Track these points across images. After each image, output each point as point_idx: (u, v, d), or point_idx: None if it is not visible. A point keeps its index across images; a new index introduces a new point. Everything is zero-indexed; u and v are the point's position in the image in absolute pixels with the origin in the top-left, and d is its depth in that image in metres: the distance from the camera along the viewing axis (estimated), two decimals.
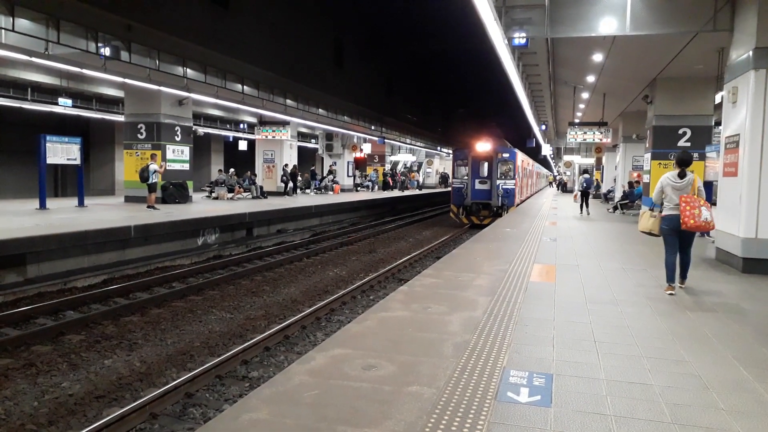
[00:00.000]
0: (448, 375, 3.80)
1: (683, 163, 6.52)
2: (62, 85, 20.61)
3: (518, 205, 23.02)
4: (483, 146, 21.26)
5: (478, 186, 21.56)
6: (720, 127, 11.36)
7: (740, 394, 3.65)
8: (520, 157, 23.99)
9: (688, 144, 15.04)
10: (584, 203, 19.75)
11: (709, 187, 10.53)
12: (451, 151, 35.96)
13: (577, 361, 4.19)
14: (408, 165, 48.84)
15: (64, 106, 21.45)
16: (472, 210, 21.51)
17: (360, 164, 39.75)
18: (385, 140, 35.23)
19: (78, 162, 16.10)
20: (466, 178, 21.70)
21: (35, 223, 11.72)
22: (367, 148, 37.38)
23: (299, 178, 28.78)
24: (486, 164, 21.56)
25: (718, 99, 14.92)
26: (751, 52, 8.19)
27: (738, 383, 3.83)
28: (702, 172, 12.96)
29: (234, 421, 3.09)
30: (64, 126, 25.63)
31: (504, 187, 21.24)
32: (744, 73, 8.43)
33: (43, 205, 15.02)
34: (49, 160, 15.25)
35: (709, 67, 13.05)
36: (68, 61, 13.59)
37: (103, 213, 14.63)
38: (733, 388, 3.75)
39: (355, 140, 34.12)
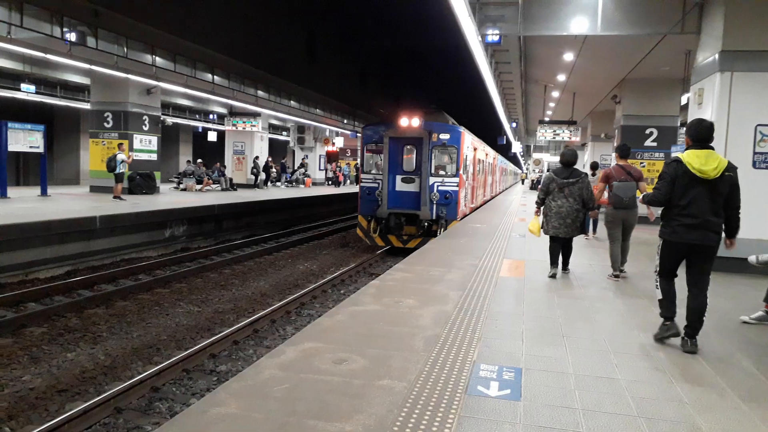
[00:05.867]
0: (419, 369, 3.80)
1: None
2: (25, 71, 19.95)
3: (465, 216, 15.32)
4: (407, 121, 13.44)
5: (399, 186, 13.81)
6: (685, 128, 11.63)
7: (703, 387, 3.74)
8: (468, 139, 15.30)
9: (655, 144, 15.48)
10: None
11: None
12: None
13: (545, 355, 4.24)
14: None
15: (26, 92, 20.79)
16: (390, 225, 13.67)
17: (332, 158, 39.53)
18: (358, 134, 35.08)
19: (41, 150, 15.66)
20: (380, 174, 13.86)
21: None
22: (339, 142, 37.21)
23: (273, 170, 28.47)
24: (414, 151, 13.90)
25: (683, 100, 15.28)
26: (717, 55, 8.38)
27: (700, 377, 3.93)
28: None
29: (202, 416, 3.04)
30: (27, 113, 24.82)
31: (441, 188, 13.60)
32: (710, 75, 8.62)
33: (3, 194, 14.56)
34: (11, 148, 14.79)
35: (676, 69, 13.34)
36: (32, 45, 13.19)
37: (67, 203, 14.26)
38: (696, 381, 3.84)
39: (327, 133, 33.91)
